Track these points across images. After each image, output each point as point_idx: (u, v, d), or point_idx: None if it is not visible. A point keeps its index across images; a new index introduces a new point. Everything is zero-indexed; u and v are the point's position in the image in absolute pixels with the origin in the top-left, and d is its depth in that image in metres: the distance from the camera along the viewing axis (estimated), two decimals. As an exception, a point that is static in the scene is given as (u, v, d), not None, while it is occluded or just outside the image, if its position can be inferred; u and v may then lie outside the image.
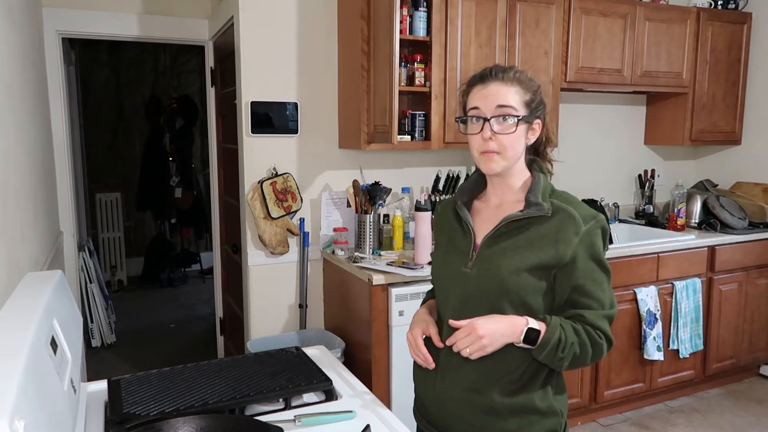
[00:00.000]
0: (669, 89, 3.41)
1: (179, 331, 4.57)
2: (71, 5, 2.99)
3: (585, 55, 3.06)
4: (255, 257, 2.80)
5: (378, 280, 2.37)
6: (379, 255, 2.71)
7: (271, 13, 2.71)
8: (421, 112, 2.74)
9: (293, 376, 1.46)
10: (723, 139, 3.67)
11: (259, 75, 2.71)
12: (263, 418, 1.27)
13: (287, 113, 2.77)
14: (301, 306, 2.88)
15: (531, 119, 1.26)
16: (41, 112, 2.50)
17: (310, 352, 1.68)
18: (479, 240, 1.29)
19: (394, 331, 2.41)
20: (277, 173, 2.75)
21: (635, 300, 2.98)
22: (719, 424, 3.05)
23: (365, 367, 2.45)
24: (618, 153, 3.76)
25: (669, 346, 3.11)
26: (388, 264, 2.52)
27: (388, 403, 2.43)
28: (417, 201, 2.72)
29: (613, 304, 1.24)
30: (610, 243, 3.01)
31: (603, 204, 3.50)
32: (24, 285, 1.34)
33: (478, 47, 2.76)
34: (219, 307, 3.71)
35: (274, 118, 2.75)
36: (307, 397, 1.43)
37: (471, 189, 1.37)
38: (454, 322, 1.24)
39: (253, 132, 2.72)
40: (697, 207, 3.50)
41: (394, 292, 2.39)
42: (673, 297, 3.09)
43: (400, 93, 2.53)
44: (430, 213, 2.55)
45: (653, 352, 3.01)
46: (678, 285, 3.09)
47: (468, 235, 1.30)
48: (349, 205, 2.89)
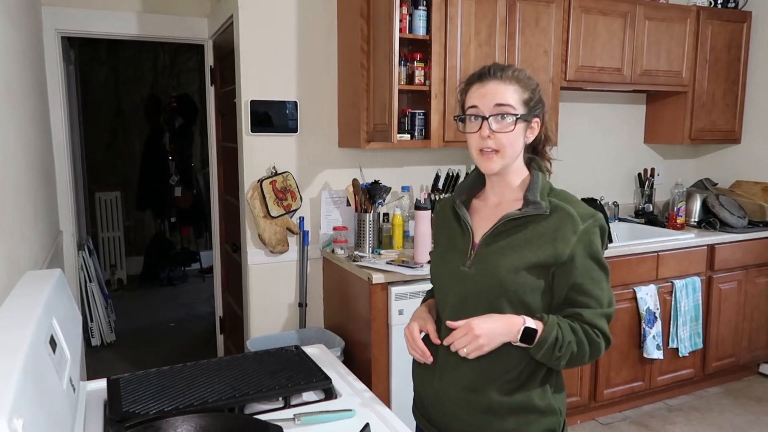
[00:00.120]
0: (669, 88, 3.41)
1: (179, 330, 4.57)
2: (70, 4, 2.99)
3: (585, 54, 3.05)
4: (255, 256, 2.80)
5: (378, 278, 2.37)
6: (379, 254, 2.71)
7: (271, 11, 2.71)
8: (420, 111, 2.74)
9: (293, 374, 1.46)
10: (723, 137, 3.67)
11: (258, 74, 2.71)
12: (263, 417, 1.27)
13: (287, 112, 2.77)
14: (300, 305, 2.88)
15: (529, 118, 1.26)
16: (40, 111, 2.49)
17: (310, 350, 1.68)
18: (478, 239, 1.29)
19: (393, 330, 2.41)
20: (276, 172, 2.75)
21: (635, 299, 2.98)
22: (718, 422, 3.05)
23: (365, 366, 2.45)
24: (618, 152, 3.76)
25: (668, 345, 3.11)
26: (387, 263, 2.52)
27: (387, 401, 2.43)
28: (417, 200, 2.72)
29: (612, 303, 1.24)
30: (610, 242, 3.02)
31: (603, 203, 3.50)
32: (23, 284, 1.34)
33: (477, 46, 2.76)
34: (219, 305, 3.71)
35: (273, 117, 2.75)
36: (307, 395, 1.43)
37: (470, 188, 1.37)
38: (451, 323, 1.24)
39: (252, 131, 2.72)
40: (696, 206, 3.50)
41: (394, 290, 2.40)
42: (673, 296, 3.09)
43: (400, 92, 2.53)
44: (430, 212, 2.54)
45: (653, 351, 3.01)
46: (677, 284, 3.09)
47: (466, 234, 1.30)
48: (348, 203, 2.89)
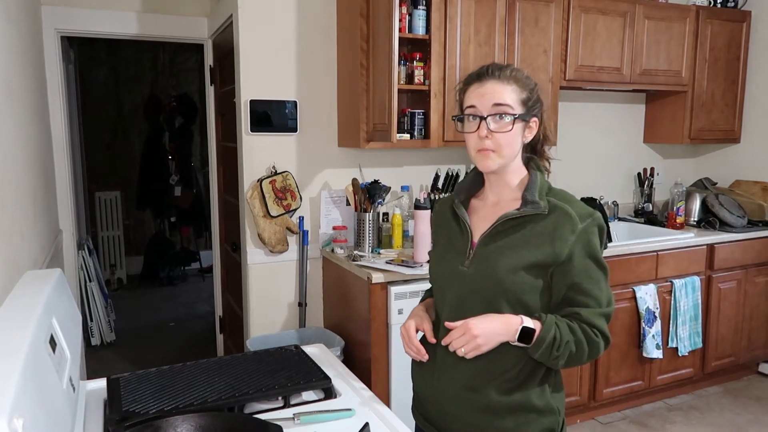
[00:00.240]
0: (668, 87, 3.41)
1: (179, 329, 4.58)
2: (70, 3, 2.99)
3: (584, 54, 3.05)
4: (254, 255, 2.80)
5: (377, 278, 2.37)
6: (379, 253, 2.71)
7: (271, 11, 2.71)
8: (420, 111, 2.74)
9: (292, 374, 1.46)
10: (722, 137, 3.67)
11: (258, 73, 2.71)
12: (262, 416, 1.27)
13: (286, 111, 2.77)
14: (300, 304, 2.89)
15: (528, 117, 1.26)
16: (40, 110, 2.49)
17: (310, 350, 1.68)
18: (476, 238, 1.29)
19: (393, 330, 2.41)
20: (276, 171, 2.75)
21: (634, 298, 2.98)
22: (718, 422, 3.05)
23: (364, 365, 2.46)
24: (617, 151, 3.76)
25: (668, 344, 3.11)
26: (387, 262, 2.52)
27: (387, 401, 2.43)
28: (416, 199, 2.71)
29: (611, 302, 1.24)
30: (609, 241, 3.02)
31: (602, 202, 3.50)
32: (23, 283, 1.34)
33: (477, 45, 2.76)
34: (218, 305, 3.71)
35: (273, 117, 2.75)
36: (306, 395, 1.43)
37: (468, 187, 1.37)
38: (449, 324, 1.24)
39: (252, 130, 2.72)
40: (696, 205, 3.50)
41: (394, 290, 2.40)
42: (672, 295, 3.09)
43: (400, 91, 2.53)
44: (430, 211, 2.55)
45: (652, 350, 3.01)
46: (677, 283, 3.09)
47: (465, 234, 1.31)
48: (348, 203, 2.89)
